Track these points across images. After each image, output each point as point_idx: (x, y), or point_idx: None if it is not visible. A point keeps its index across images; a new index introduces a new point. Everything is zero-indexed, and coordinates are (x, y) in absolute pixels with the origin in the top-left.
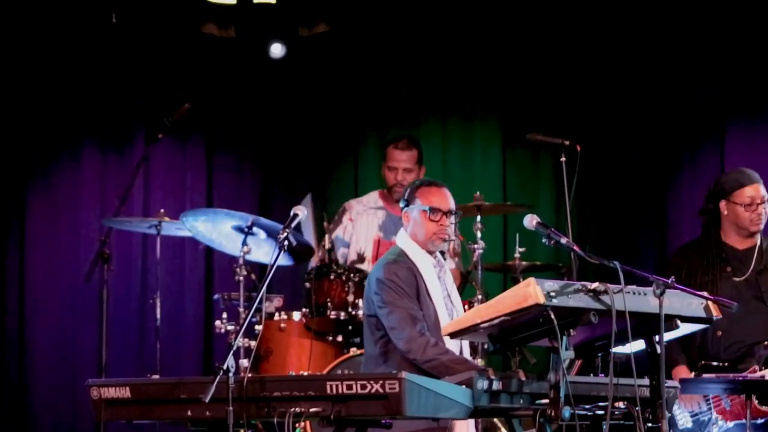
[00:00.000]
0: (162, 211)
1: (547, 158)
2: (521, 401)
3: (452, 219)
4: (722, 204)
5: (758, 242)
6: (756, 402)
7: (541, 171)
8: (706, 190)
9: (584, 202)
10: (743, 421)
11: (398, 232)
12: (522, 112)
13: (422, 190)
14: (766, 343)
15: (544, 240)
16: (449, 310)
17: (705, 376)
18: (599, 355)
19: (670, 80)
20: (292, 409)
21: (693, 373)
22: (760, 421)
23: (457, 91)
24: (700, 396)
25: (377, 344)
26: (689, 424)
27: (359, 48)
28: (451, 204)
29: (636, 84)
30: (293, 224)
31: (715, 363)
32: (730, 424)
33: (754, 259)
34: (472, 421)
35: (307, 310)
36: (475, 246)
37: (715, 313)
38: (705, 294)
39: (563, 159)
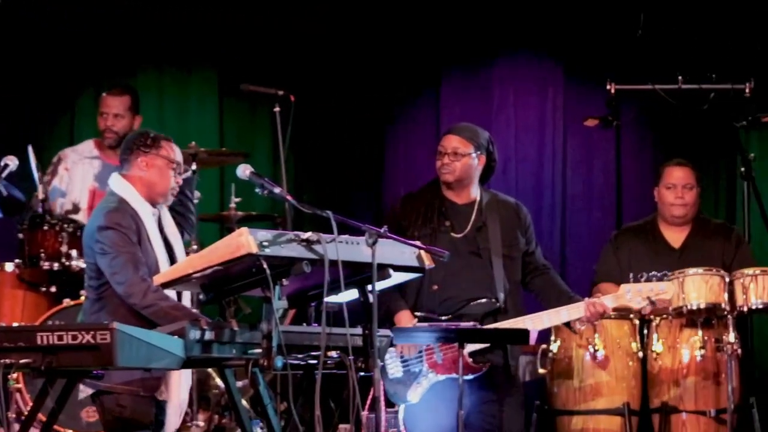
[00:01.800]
0: None
1: (264, 109)
2: (234, 351)
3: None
4: None
5: (478, 198)
6: (468, 358)
7: (257, 122)
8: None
9: (302, 152)
10: (454, 375)
11: (112, 178)
12: (239, 63)
13: (166, 143)
14: (483, 300)
15: (257, 190)
16: (170, 258)
17: (419, 325)
18: (312, 304)
19: (386, 30)
20: (2, 361)
21: (416, 319)
22: (470, 376)
23: (173, 42)
24: (415, 347)
25: (95, 292)
26: (399, 374)
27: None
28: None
29: (351, 34)
30: (4, 174)
31: (431, 316)
32: (441, 377)
33: (474, 215)
34: (187, 372)
35: (20, 261)
36: None
37: (428, 262)
38: (417, 243)
39: (277, 109)
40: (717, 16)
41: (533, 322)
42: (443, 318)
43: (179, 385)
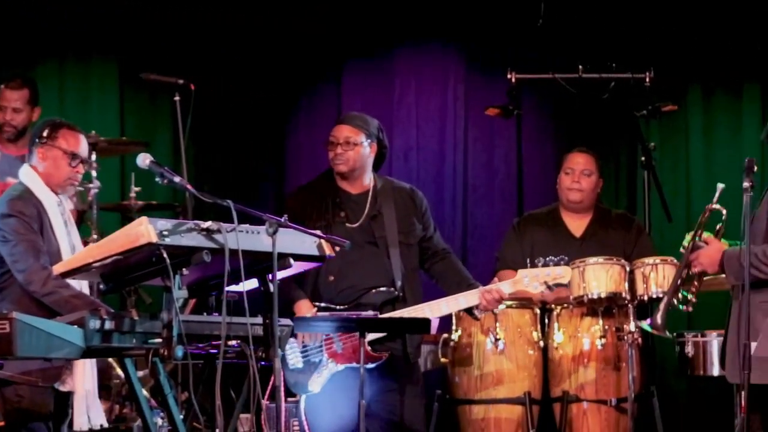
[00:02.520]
0: None
1: (165, 98)
2: (134, 341)
3: (85, 166)
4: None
5: (372, 187)
6: (368, 347)
7: (158, 111)
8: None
9: (204, 141)
10: (354, 364)
11: (22, 168)
12: (139, 52)
13: (65, 133)
14: (381, 288)
15: (157, 179)
16: (72, 248)
17: (319, 314)
18: (213, 294)
19: (288, 19)
20: None
21: (315, 308)
22: (370, 365)
23: (72, 32)
24: (316, 336)
25: None
26: (300, 364)
27: None
28: (87, 151)
29: (252, 22)
30: None
31: (329, 307)
32: (341, 366)
33: (368, 204)
34: (90, 362)
35: None
36: (91, 186)
37: (328, 252)
38: (318, 232)
39: (178, 98)
40: (617, 5)
41: (431, 310)
42: (341, 308)
43: (83, 376)
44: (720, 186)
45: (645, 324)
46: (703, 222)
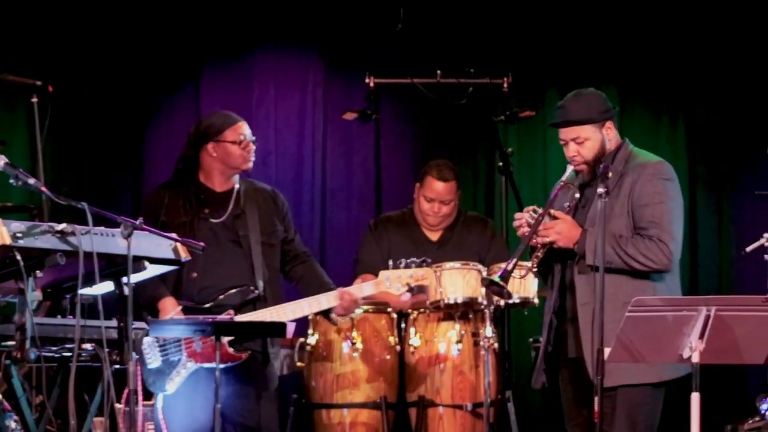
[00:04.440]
0: None
1: (21, 100)
2: None
3: None
4: (210, 146)
5: (237, 185)
6: (228, 347)
7: (15, 112)
8: (187, 136)
9: (61, 144)
10: (213, 363)
11: None
12: None
13: None
14: (243, 288)
15: (11, 181)
16: None
17: (177, 317)
18: (67, 296)
19: (146, 20)
20: None
21: (180, 306)
22: (230, 364)
23: None
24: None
25: None
26: (158, 363)
27: None
28: None
29: (112, 23)
30: None
31: (190, 305)
32: (200, 366)
33: (232, 202)
34: None
35: None
36: None
37: (184, 255)
38: (173, 235)
39: (35, 100)
40: (475, 11)
41: (293, 310)
42: (203, 306)
43: None
44: (570, 167)
45: (496, 277)
46: (553, 198)
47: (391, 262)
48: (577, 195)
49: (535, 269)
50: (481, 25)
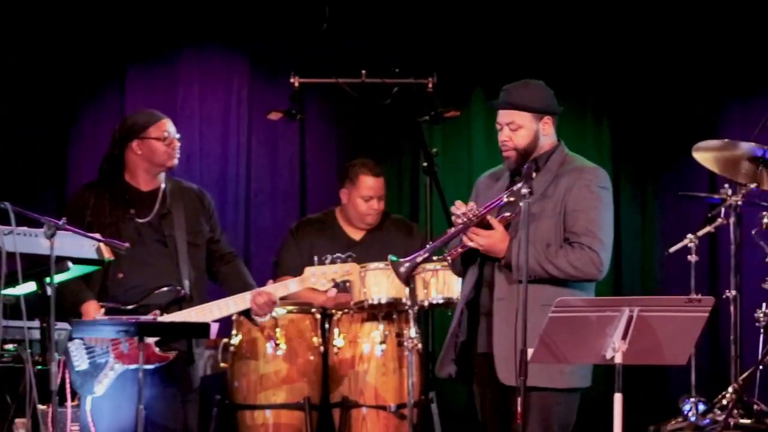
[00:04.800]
0: None
1: None
2: None
3: None
4: (135, 144)
5: (163, 185)
6: (155, 347)
7: None
8: (111, 135)
9: None
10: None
11: None
12: None
13: None
14: (169, 288)
15: None
16: None
17: (100, 318)
18: None
19: (69, 21)
20: None
21: (102, 309)
22: (158, 365)
23: None
24: (103, 338)
25: None
26: (86, 366)
27: None
28: None
29: (37, 26)
30: None
31: (116, 305)
32: (127, 367)
33: (158, 201)
34: None
35: None
36: None
37: (107, 255)
38: (97, 236)
39: None
40: (400, 11)
41: (219, 309)
42: (129, 307)
43: None
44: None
45: (393, 256)
46: (497, 206)
47: (316, 258)
48: (525, 190)
49: (448, 263)
50: (406, 26)
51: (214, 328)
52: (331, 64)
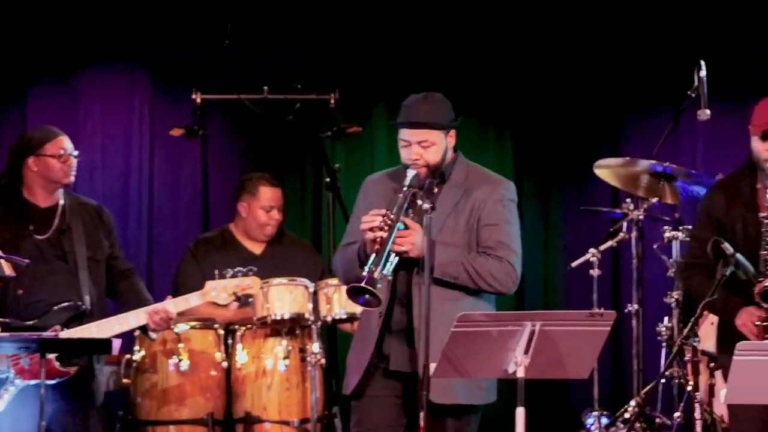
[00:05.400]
0: None
1: None
2: None
3: None
4: (31, 161)
5: (61, 201)
6: (56, 362)
7: None
8: (9, 151)
9: None
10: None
11: None
12: None
13: None
14: (70, 304)
15: None
16: None
17: (1, 334)
18: None
19: None
20: None
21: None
22: (59, 380)
23: None
24: (4, 354)
25: None
26: None
27: None
28: None
29: None
30: None
31: (16, 322)
32: (28, 383)
33: (57, 217)
34: None
35: None
36: None
37: (8, 271)
38: None
39: None
40: (302, 27)
41: (120, 324)
42: (29, 323)
43: None
44: (411, 172)
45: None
46: (405, 205)
47: (217, 272)
48: (427, 205)
49: (390, 277)
50: (308, 42)
51: (117, 344)
52: (233, 80)
